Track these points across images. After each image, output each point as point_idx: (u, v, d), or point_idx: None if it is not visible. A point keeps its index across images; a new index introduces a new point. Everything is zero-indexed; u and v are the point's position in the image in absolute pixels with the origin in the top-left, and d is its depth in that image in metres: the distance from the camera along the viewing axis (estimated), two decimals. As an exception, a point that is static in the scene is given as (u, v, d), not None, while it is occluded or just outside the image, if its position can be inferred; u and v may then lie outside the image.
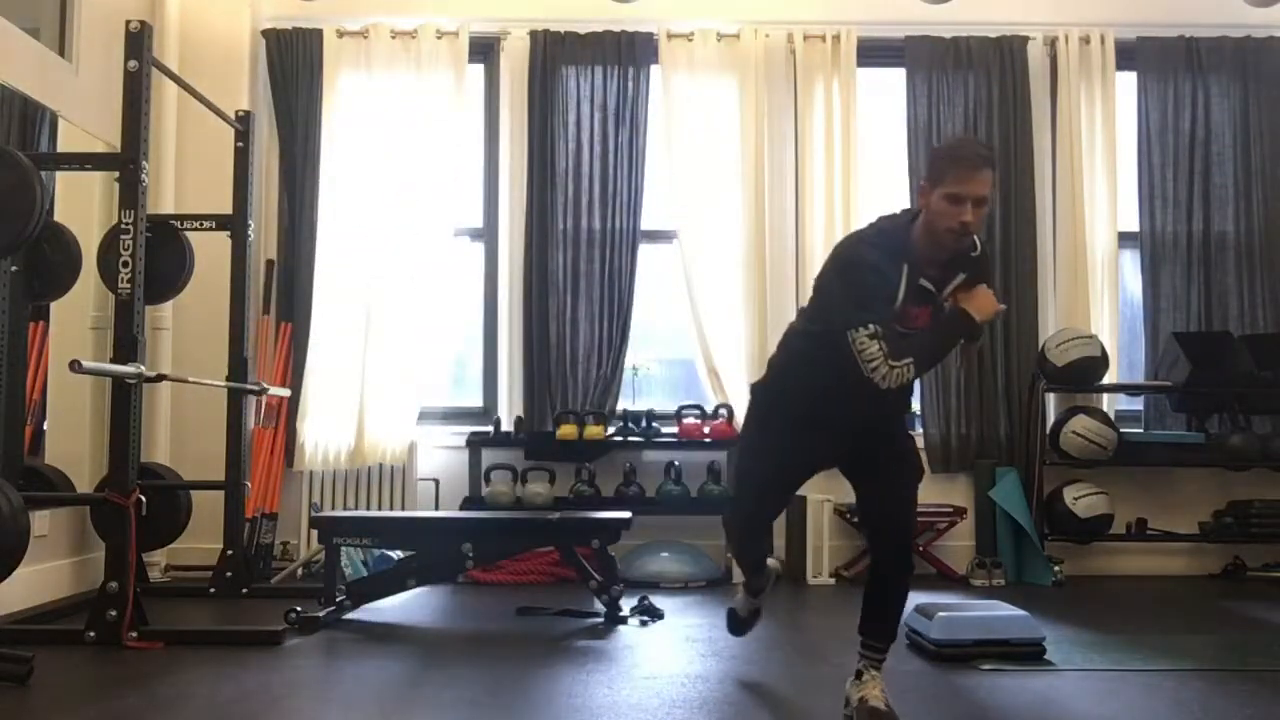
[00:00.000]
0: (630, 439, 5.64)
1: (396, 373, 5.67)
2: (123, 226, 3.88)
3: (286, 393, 5.50)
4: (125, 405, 3.84)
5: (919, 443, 3.10)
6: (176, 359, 5.43)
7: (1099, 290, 5.82)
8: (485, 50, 5.99)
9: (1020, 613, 3.71)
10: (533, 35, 5.85)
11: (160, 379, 4.16)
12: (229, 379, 4.96)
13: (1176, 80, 5.94)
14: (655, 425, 5.67)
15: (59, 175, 4.65)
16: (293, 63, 5.81)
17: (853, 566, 5.50)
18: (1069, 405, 5.70)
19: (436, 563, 4.49)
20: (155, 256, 4.31)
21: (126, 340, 3.84)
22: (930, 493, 5.56)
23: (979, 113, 5.91)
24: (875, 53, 5.97)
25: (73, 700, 3.09)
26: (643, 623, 4.25)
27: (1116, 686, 3.27)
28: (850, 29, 5.86)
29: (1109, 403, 5.79)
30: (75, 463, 4.77)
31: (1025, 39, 5.94)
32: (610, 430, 5.65)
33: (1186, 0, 5.98)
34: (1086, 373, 5.54)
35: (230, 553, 4.88)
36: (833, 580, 5.44)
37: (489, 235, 5.98)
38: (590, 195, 5.82)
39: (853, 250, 2.75)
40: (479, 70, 6.03)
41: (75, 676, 3.36)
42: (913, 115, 5.91)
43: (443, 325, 5.79)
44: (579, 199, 5.82)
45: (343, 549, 4.64)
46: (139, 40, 3.97)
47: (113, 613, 3.71)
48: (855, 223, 5.57)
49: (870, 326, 2.60)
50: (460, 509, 5.53)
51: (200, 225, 4.97)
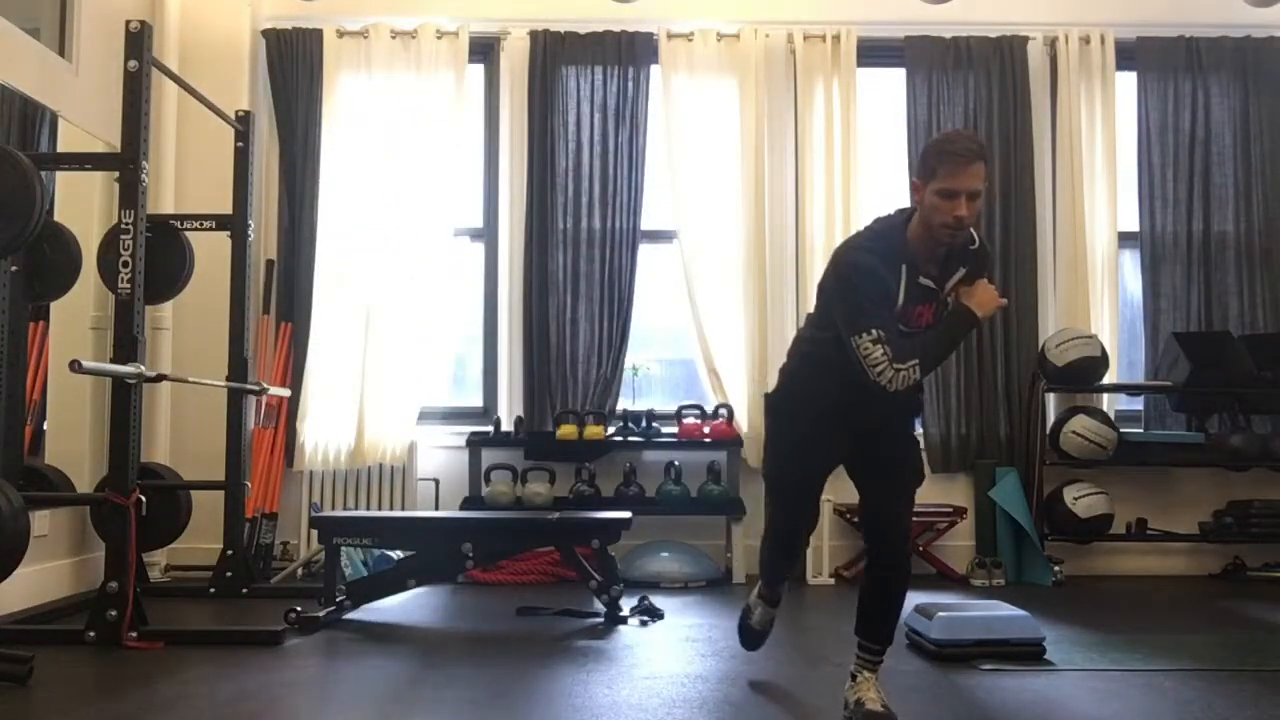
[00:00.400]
0: (630, 439, 5.64)
1: (396, 373, 5.67)
2: (123, 226, 3.89)
3: (286, 393, 5.50)
4: (125, 405, 3.85)
5: (919, 443, 3.10)
6: (176, 359, 5.43)
7: (1099, 290, 5.82)
8: (485, 50, 5.99)
9: (1020, 613, 3.71)
10: (533, 35, 5.85)
11: (160, 379, 4.16)
12: (229, 379, 4.96)
13: (1176, 80, 5.94)
14: (655, 425, 5.68)
15: (59, 175, 4.66)
16: (293, 63, 5.81)
17: (853, 566, 5.50)
18: (1069, 405, 5.70)
19: (436, 563, 4.48)
20: (155, 256, 4.31)
21: (126, 340, 3.84)
22: (930, 493, 5.56)
23: (979, 113, 5.91)
24: (875, 53, 5.97)
25: (73, 700, 3.09)
26: (643, 623, 4.25)
27: (1116, 686, 3.27)
28: (850, 29, 5.86)
29: (1109, 403, 5.79)
30: (75, 463, 4.77)
31: (1025, 39, 5.95)
32: (610, 430, 5.65)
33: (1186, 0, 5.99)
34: (1086, 373, 5.54)
35: (230, 553, 4.88)
36: (833, 580, 5.45)
37: (489, 235, 5.98)
38: (590, 195, 5.82)
39: (849, 257, 2.75)
40: (479, 70, 6.03)
41: (75, 676, 3.36)
42: (913, 115, 5.91)
43: (443, 325, 5.78)
44: (579, 199, 5.82)
45: (343, 549, 4.64)
46: (139, 40, 3.97)
47: (113, 613, 3.72)
48: (855, 222, 5.57)
49: (873, 332, 2.60)
50: (460, 509, 5.53)
51: (200, 225, 4.98)
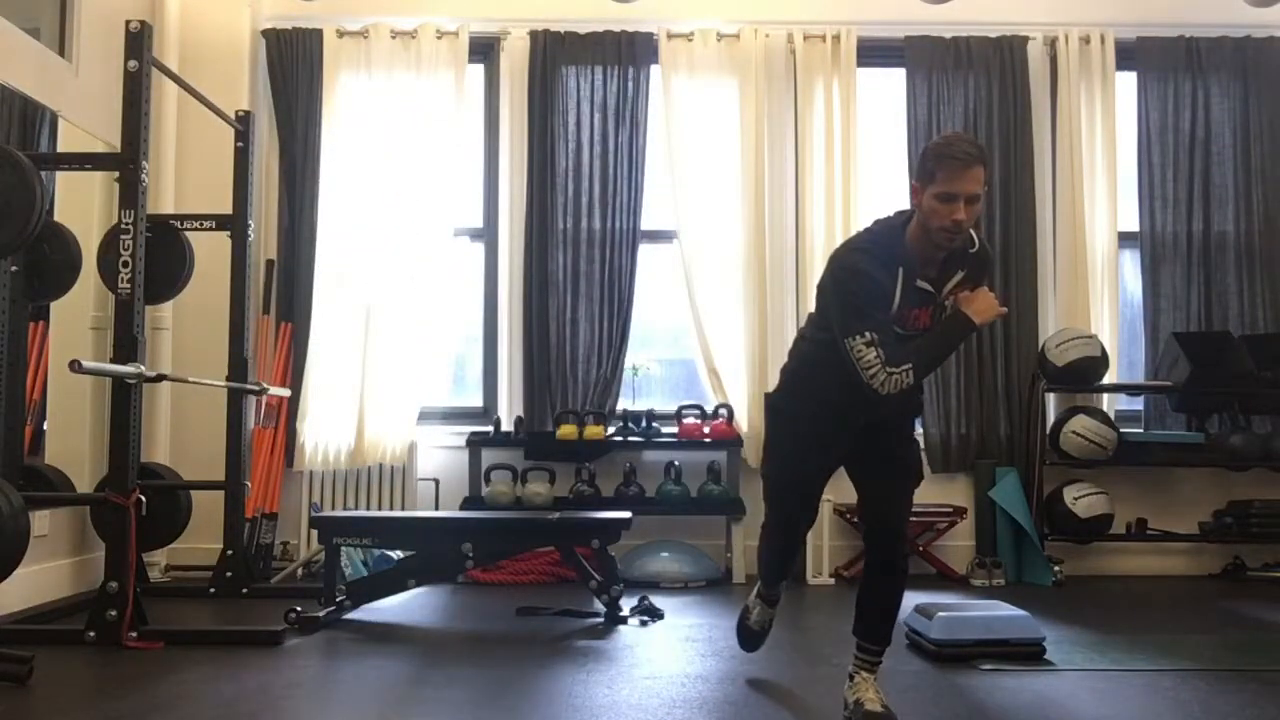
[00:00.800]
0: (630, 439, 5.64)
1: (396, 373, 5.67)
2: (123, 226, 3.89)
3: (286, 393, 5.50)
4: (125, 405, 3.85)
5: (919, 443, 3.11)
6: (176, 359, 5.44)
7: (1099, 290, 5.81)
8: (485, 50, 5.99)
9: (1020, 613, 3.71)
10: (533, 35, 5.85)
11: (160, 379, 4.16)
12: (229, 379, 4.96)
13: (1176, 80, 5.94)
14: (655, 425, 5.68)
15: (59, 175, 4.66)
16: (293, 63, 5.81)
17: (852, 566, 5.50)
18: (1069, 405, 5.70)
19: (436, 563, 4.48)
20: (155, 256, 4.30)
21: (126, 340, 3.84)
22: (930, 493, 5.57)
23: (979, 113, 5.91)
24: (875, 53, 5.96)
25: (72, 700, 3.10)
26: (643, 623, 4.25)
27: (1116, 686, 3.27)
28: (850, 29, 5.86)
29: (1109, 403, 5.79)
30: (75, 463, 4.77)
31: (1025, 39, 5.94)
32: (610, 430, 5.65)
33: (1186, 0, 5.98)
34: (1086, 373, 5.54)
35: (230, 553, 4.89)
36: (832, 580, 5.45)
37: (489, 235, 5.98)
38: (590, 195, 5.82)
39: (846, 259, 2.75)
40: (479, 70, 6.03)
41: (75, 676, 3.36)
42: (913, 115, 5.91)
43: (443, 325, 5.78)
44: (579, 199, 5.82)
45: (343, 549, 4.64)
46: (139, 40, 3.97)
47: (113, 613, 3.72)
48: (855, 222, 5.58)
49: (867, 334, 2.60)
50: (460, 509, 5.53)
51: (200, 225, 4.98)
